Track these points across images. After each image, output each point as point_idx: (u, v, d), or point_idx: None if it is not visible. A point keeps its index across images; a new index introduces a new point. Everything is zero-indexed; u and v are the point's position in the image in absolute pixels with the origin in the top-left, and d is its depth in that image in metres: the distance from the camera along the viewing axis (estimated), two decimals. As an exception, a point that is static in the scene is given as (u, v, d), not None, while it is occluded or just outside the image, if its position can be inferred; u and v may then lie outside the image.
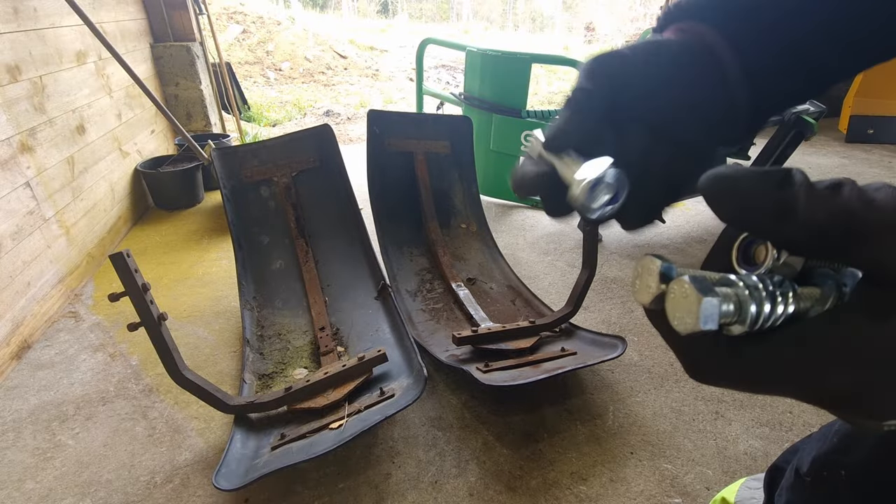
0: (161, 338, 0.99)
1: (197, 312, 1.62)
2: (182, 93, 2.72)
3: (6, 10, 1.50)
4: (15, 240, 1.43)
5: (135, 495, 1.01)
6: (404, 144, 1.87)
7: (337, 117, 4.77)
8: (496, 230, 2.17)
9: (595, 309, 1.65)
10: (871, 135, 3.52)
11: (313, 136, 1.71)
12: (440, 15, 20.98)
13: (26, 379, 1.33)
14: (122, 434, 1.16)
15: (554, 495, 1.02)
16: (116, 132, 2.16)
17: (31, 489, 1.03)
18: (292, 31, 7.20)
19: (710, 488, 1.03)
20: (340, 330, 1.44)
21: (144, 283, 0.95)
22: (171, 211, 2.37)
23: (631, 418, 1.21)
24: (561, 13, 19.99)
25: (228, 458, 0.99)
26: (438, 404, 1.25)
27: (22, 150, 1.51)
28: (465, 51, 2.40)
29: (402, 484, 1.04)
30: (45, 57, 1.68)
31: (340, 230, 1.70)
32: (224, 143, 2.53)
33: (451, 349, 1.35)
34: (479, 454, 1.11)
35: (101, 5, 2.11)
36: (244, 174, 1.63)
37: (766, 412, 1.22)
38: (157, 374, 1.34)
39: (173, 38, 2.67)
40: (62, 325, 1.54)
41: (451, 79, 7.01)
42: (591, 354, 1.26)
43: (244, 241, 1.58)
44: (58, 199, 1.67)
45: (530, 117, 2.29)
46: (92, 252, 1.85)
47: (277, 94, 5.74)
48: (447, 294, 1.64)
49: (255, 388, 1.24)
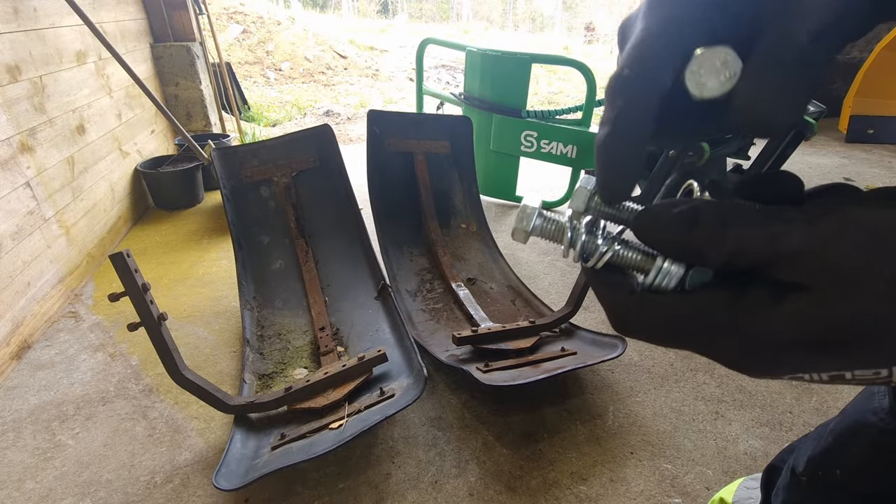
0: (161, 338, 0.99)
1: (197, 312, 1.62)
2: (182, 93, 2.73)
3: (6, 10, 1.50)
4: (15, 240, 1.43)
5: (135, 495, 1.01)
6: (404, 144, 1.87)
7: (337, 117, 4.77)
8: (496, 230, 2.17)
9: (595, 309, 1.65)
10: (871, 135, 3.52)
11: (313, 136, 1.71)
12: (440, 15, 20.98)
13: (26, 379, 1.33)
14: (122, 434, 1.16)
15: (554, 495, 1.02)
16: (116, 132, 2.16)
17: (31, 489, 1.03)
18: (292, 31, 7.20)
19: (710, 488, 1.03)
20: (340, 330, 1.44)
21: (144, 283, 0.95)
22: (171, 211, 2.37)
23: (631, 418, 1.21)
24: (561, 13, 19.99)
25: (228, 458, 0.99)
26: (438, 404, 1.25)
27: (22, 150, 1.51)
28: (464, 51, 2.40)
29: (402, 484, 1.04)
30: (45, 57, 1.68)
31: (340, 230, 1.70)
32: (224, 143, 2.53)
33: (451, 349, 1.35)
34: (479, 454, 1.11)
35: (101, 5, 2.11)
36: (244, 174, 1.63)
37: (766, 412, 1.23)
38: (157, 374, 1.34)
39: (173, 38, 2.67)
40: (62, 325, 1.54)
41: (451, 79, 7.01)
42: (591, 354, 1.26)
43: (244, 241, 1.58)
44: (58, 199, 1.67)
45: (530, 117, 2.29)
46: (92, 252, 1.86)
47: (277, 94, 5.74)
48: (447, 294, 1.64)
49: (255, 388, 1.24)
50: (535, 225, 0.28)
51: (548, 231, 0.28)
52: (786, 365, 0.22)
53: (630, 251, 0.26)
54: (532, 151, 2.33)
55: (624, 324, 0.26)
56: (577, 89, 6.72)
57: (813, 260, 0.20)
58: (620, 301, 0.26)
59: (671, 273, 0.24)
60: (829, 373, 0.21)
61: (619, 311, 0.26)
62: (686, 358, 1.41)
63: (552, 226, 0.28)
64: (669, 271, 0.24)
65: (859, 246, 0.19)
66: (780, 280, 0.21)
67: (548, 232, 0.28)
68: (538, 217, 0.28)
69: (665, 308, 0.24)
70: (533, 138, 2.30)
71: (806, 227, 0.20)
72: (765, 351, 0.22)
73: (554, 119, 2.37)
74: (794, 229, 0.21)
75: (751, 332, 0.22)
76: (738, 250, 0.22)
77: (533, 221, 0.28)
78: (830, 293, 0.20)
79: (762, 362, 0.22)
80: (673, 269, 0.24)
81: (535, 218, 0.28)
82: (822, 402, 1.26)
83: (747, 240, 0.21)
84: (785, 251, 0.21)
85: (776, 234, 0.21)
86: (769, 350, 0.22)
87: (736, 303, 0.22)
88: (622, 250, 0.26)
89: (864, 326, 0.19)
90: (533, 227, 0.28)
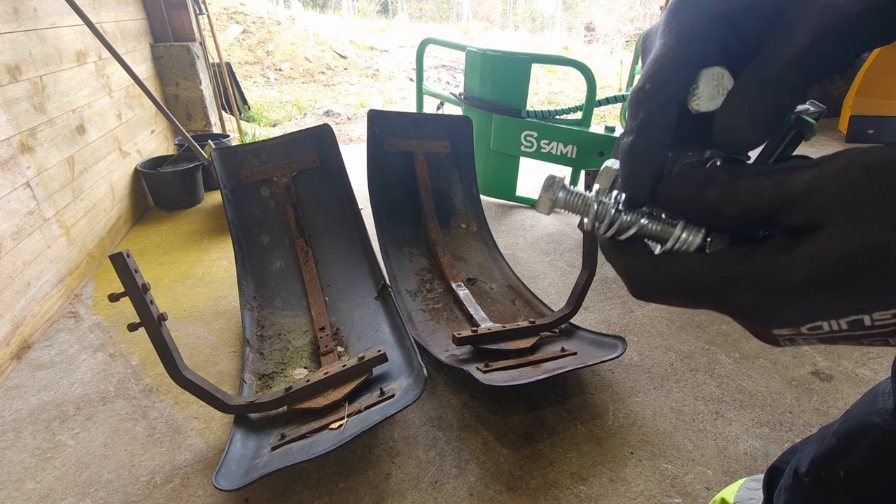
0: (161, 338, 0.99)
1: (197, 312, 1.62)
2: (182, 93, 2.73)
3: (6, 10, 1.50)
4: (15, 240, 1.43)
5: (135, 495, 1.01)
6: (404, 144, 1.87)
7: (337, 117, 4.77)
8: (496, 230, 2.17)
9: (595, 309, 1.65)
10: (871, 135, 3.52)
11: (313, 136, 1.71)
12: (440, 15, 20.97)
13: (26, 379, 1.33)
14: (122, 434, 1.16)
15: (554, 495, 1.02)
16: (116, 132, 2.16)
17: (31, 489, 1.03)
18: (292, 31, 7.21)
19: (710, 488, 1.03)
20: (340, 330, 1.44)
21: (144, 283, 0.95)
22: (171, 211, 2.37)
23: (631, 418, 1.21)
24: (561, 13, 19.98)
25: (228, 458, 0.99)
26: (438, 404, 1.25)
27: (22, 150, 1.51)
28: (464, 51, 2.40)
29: (402, 484, 1.04)
30: (46, 57, 1.68)
31: (340, 230, 1.70)
32: (224, 143, 2.53)
33: (451, 349, 1.35)
34: (479, 454, 1.11)
35: (101, 5, 2.11)
36: (244, 174, 1.63)
37: (766, 412, 1.23)
38: (157, 374, 1.34)
39: (173, 38, 2.67)
40: (62, 325, 1.54)
41: (451, 79, 7.01)
42: (591, 354, 1.26)
43: (244, 241, 1.58)
44: (58, 200, 1.67)
45: (530, 117, 2.29)
46: (92, 252, 1.85)
47: (277, 94, 5.74)
48: (447, 294, 1.64)
49: (255, 388, 1.24)
50: (559, 197, 0.29)
51: (572, 203, 0.29)
52: (801, 310, 0.22)
53: (651, 221, 0.27)
54: (532, 151, 2.33)
55: (643, 286, 0.27)
56: (577, 89, 6.72)
57: (821, 197, 0.20)
58: (640, 264, 0.27)
59: (689, 241, 0.26)
60: (847, 318, 0.21)
61: (639, 275, 0.27)
62: (686, 358, 1.41)
63: (577, 199, 0.29)
64: (688, 239, 0.26)
65: (866, 178, 0.20)
66: (792, 225, 0.22)
67: (572, 204, 0.29)
68: (562, 189, 0.29)
69: (683, 265, 0.25)
70: (533, 138, 2.30)
71: (812, 169, 0.21)
72: (780, 296, 0.22)
73: (554, 119, 2.37)
74: (802, 173, 0.21)
75: (765, 279, 0.22)
76: (750, 201, 0.23)
77: (558, 192, 0.29)
78: (842, 227, 0.20)
79: (778, 310, 0.22)
80: (691, 237, 0.26)
81: (560, 190, 0.29)
82: (823, 402, 1.26)
83: (757, 188, 0.22)
84: (794, 193, 0.21)
85: (784, 180, 0.22)
86: (784, 295, 0.22)
87: (751, 255, 0.23)
88: (645, 221, 0.27)
89: (877, 257, 0.19)
90: (558, 198, 0.29)
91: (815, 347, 1.45)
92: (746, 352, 1.44)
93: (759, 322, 0.23)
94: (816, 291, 0.21)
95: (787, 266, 0.21)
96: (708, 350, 1.45)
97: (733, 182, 0.23)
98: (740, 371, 1.36)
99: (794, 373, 1.36)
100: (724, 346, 1.47)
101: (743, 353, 1.43)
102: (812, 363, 1.39)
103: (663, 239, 0.27)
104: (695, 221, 0.26)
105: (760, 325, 0.23)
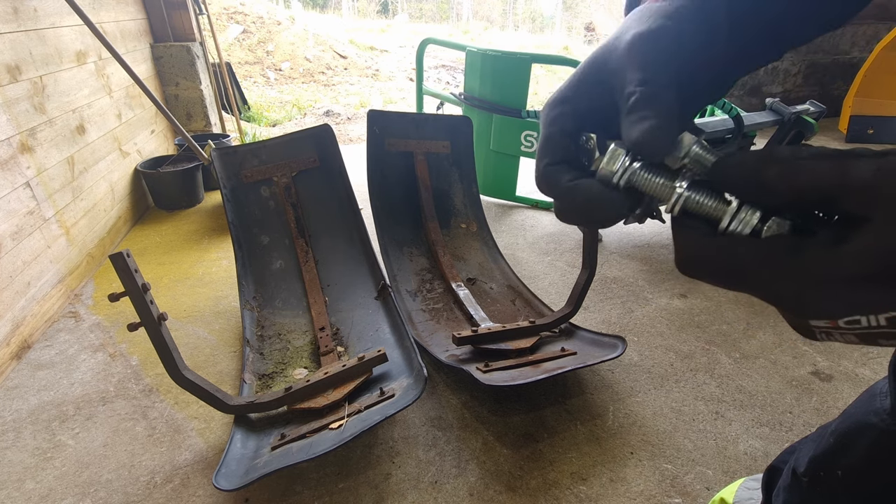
0: (161, 338, 0.99)
1: (197, 312, 1.62)
2: (182, 93, 2.73)
3: (6, 10, 1.50)
4: (15, 240, 1.43)
5: (135, 495, 1.01)
6: (404, 144, 1.87)
7: (337, 117, 4.77)
8: (496, 230, 2.17)
9: (595, 309, 1.65)
10: (871, 135, 3.51)
11: (313, 136, 1.71)
12: (440, 15, 20.97)
13: (26, 379, 1.33)
14: (122, 434, 1.16)
15: (554, 495, 1.02)
16: (116, 132, 2.16)
17: (31, 489, 1.03)
18: (292, 31, 7.20)
19: (710, 488, 1.03)
20: (340, 330, 1.44)
21: (144, 283, 0.95)
22: (171, 211, 2.37)
23: (631, 418, 1.21)
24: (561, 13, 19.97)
25: (228, 458, 0.99)
26: (438, 404, 1.25)
27: (22, 150, 1.51)
28: (465, 51, 2.40)
29: (402, 484, 1.04)
30: (45, 57, 1.68)
31: (340, 230, 1.70)
32: (224, 143, 2.53)
33: (451, 349, 1.35)
34: (479, 454, 1.11)
35: (101, 5, 2.11)
36: (244, 174, 1.63)
37: (766, 412, 1.23)
38: (157, 374, 1.34)
39: (173, 38, 2.67)
40: (62, 325, 1.54)
41: (451, 79, 7.01)
42: (591, 354, 1.26)
43: (244, 241, 1.58)
44: (58, 200, 1.67)
45: (530, 117, 2.29)
46: (92, 252, 1.86)
47: (277, 94, 5.74)
48: (447, 294, 1.64)
49: (255, 388, 1.24)
50: (634, 168, 0.30)
51: (638, 179, 0.30)
52: (844, 302, 0.22)
53: (707, 197, 0.27)
54: (532, 151, 2.33)
55: (694, 263, 0.27)
56: (577, 89, 6.70)
57: (882, 189, 0.21)
58: (698, 241, 0.27)
59: (746, 221, 0.26)
60: (887, 314, 0.21)
61: (695, 252, 0.27)
62: (686, 358, 1.41)
63: (648, 178, 0.30)
64: (744, 218, 0.26)
65: None
66: (847, 213, 0.22)
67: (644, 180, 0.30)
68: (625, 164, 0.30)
69: (735, 248, 0.25)
70: (533, 138, 2.30)
71: (876, 161, 0.21)
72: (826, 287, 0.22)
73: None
74: (865, 163, 0.21)
75: (813, 270, 0.22)
76: (809, 183, 0.23)
77: (632, 165, 0.30)
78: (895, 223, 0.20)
79: (821, 299, 0.22)
80: (748, 217, 0.26)
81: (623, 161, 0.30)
82: (822, 402, 1.26)
83: (819, 172, 0.23)
84: (855, 181, 0.21)
85: (848, 166, 0.22)
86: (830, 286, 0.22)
87: (802, 246, 0.23)
88: (699, 196, 0.28)
89: None
90: (634, 170, 0.30)
91: (815, 348, 1.45)
92: (746, 352, 1.44)
93: (799, 312, 0.24)
94: (860, 284, 0.21)
95: (838, 258, 0.22)
96: (708, 350, 1.45)
97: (795, 162, 0.23)
98: (740, 371, 1.36)
99: (794, 373, 1.36)
100: (724, 346, 1.47)
101: (743, 353, 1.43)
102: (812, 363, 1.39)
103: (718, 218, 0.27)
104: (752, 200, 0.26)
105: (800, 316, 0.24)
